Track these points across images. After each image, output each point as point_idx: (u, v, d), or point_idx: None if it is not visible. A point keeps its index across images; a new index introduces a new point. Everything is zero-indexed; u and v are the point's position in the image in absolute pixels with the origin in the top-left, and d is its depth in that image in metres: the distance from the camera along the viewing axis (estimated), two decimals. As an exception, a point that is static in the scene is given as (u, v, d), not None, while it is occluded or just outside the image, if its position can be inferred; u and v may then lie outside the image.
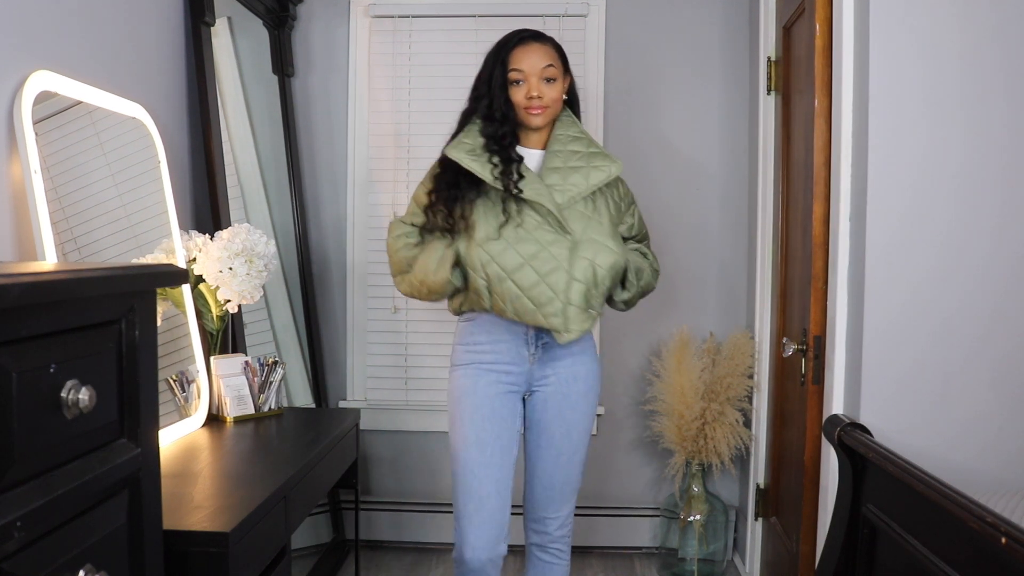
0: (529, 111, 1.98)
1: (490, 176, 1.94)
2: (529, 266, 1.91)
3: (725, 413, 2.86)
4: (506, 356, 2.01)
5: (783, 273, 2.65)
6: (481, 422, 1.99)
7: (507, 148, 1.97)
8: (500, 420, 2.00)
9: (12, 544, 0.92)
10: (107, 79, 2.00)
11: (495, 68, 1.99)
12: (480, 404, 2.00)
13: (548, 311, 1.91)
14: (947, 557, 1.33)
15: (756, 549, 2.89)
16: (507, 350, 2.01)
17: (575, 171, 1.98)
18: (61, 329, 1.02)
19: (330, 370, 3.21)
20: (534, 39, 2.01)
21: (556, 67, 1.99)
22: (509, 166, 1.95)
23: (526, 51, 1.98)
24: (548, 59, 1.98)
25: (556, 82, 1.99)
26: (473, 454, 1.98)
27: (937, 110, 1.84)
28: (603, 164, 2.00)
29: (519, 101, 1.98)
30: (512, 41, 2.00)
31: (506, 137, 1.97)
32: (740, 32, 3.12)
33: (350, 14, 3.16)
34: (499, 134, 1.97)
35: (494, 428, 1.99)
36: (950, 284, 1.84)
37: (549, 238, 1.93)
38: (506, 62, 1.98)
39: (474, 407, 2.00)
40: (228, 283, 2.15)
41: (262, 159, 2.97)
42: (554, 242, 1.92)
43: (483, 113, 1.99)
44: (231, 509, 1.52)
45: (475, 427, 1.98)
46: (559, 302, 1.91)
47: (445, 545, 3.16)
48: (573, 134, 2.04)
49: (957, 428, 1.84)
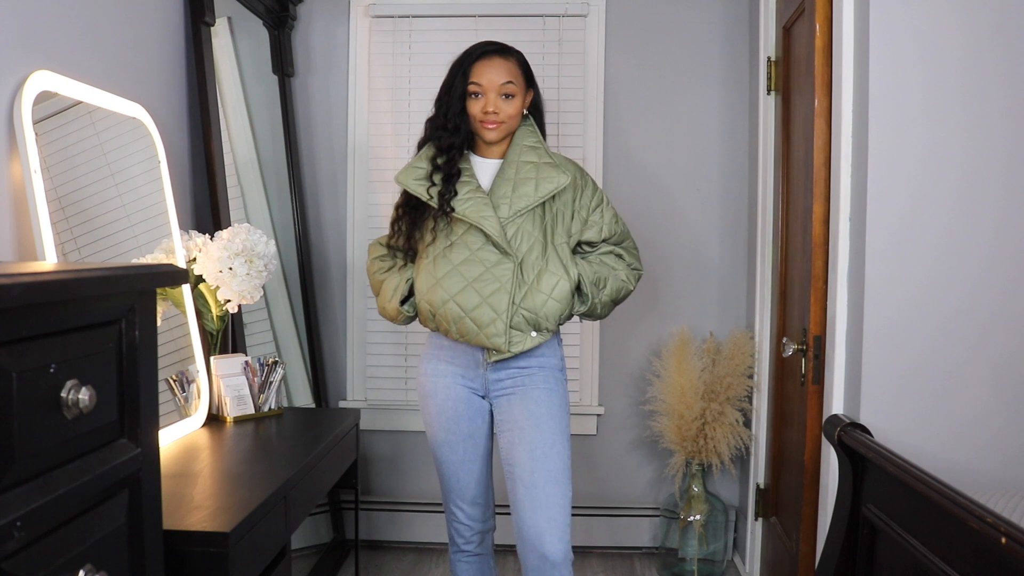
0: (484, 124, 1.99)
1: (426, 195, 1.98)
2: (472, 288, 1.94)
3: (725, 413, 2.86)
4: (463, 360, 2.04)
5: (783, 273, 2.65)
6: (447, 423, 2.06)
7: (451, 162, 1.99)
8: (468, 419, 2.06)
9: (12, 544, 0.92)
10: (107, 79, 2.01)
11: (456, 77, 2.00)
12: (443, 407, 2.06)
13: (490, 332, 1.93)
14: (947, 557, 1.33)
15: (756, 549, 2.89)
16: (464, 352, 2.04)
17: (526, 182, 1.98)
18: (61, 329, 1.02)
19: (330, 370, 3.21)
20: (498, 53, 2.01)
21: (516, 84, 2.00)
22: (448, 184, 1.97)
23: (487, 65, 1.99)
24: (508, 75, 1.99)
25: (514, 98, 2.00)
26: (445, 453, 2.08)
27: (937, 110, 1.84)
28: (552, 175, 1.99)
29: (475, 114, 1.99)
30: (475, 53, 2.01)
31: (452, 149, 1.99)
32: (740, 32, 3.12)
33: (350, 14, 3.16)
34: (447, 144, 1.99)
35: (459, 429, 2.06)
36: (950, 284, 1.84)
37: (493, 259, 1.95)
38: (467, 74, 1.99)
39: (438, 410, 2.07)
40: (228, 283, 2.15)
41: (262, 159, 2.97)
42: (498, 263, 1.94)
43: (438, 122, 2.02)
44: (231, 509, 1.52)
45: (443, 429, 2.07)
46: (501, 323, 1.93)
47: (445, 545, 3.16)
48: (530, 144, 2.04)
49: (957, 428, 1.84)
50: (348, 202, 3.18)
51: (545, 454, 1.97)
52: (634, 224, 3.13)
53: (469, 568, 2.16)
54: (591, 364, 3.19)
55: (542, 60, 3.07)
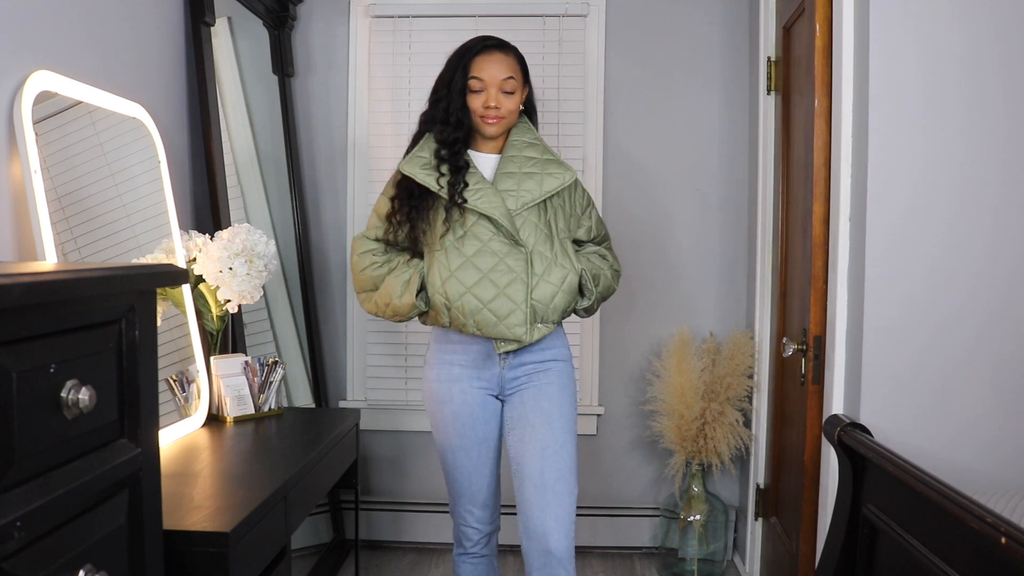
0: (485, 119, 1.99)
1: (436, 185, 1.97)
2: (488, 279, 1.93)
3: (725, 413, 2.86)
4: (478, 359, 2.03)
5: (783, 273, 2.65)
6: (462, 428, 2.04)
7: (457, 155, 1.98)
8: (483, 423, 2.05)
9: (12, 544, 0.92)
10: (107, 79, 2.00)
11: (456, 72, 2.00)
12: (459, 412, 2.04)
13: (511, 322, 1.93)
14: (947, 557, 1.33)
15: (756, 549, 2.89)
16: (478, 352, 2.02)
17: (529, 177, 1.99)
18: (61, 329, 1.02)
19: (330, 370, 3.21)
20: (498, 48, 2.02)
21: (516, 79, 2.01)
22: (457, 175, 1.96)
23: (489, 60, 1.99)
24: (509, 71, 1.99)
25: (514, 94, 2.01)
26: (460, 459, 2.06)
27: (937, 110, 1.84)
28: (557, 171, 2.01)
29: (476, 108, 1.99)
30: (476, 47, 2.01)
31: (457, 143, 1.99)
32: (740, 32, 3.12)
33: (350, 14, 3.16)
34: (451, 139, 1.99)
35: (475, 433, 2.05)
36: (950, 284, 1.84)
37: (505, 250, 1.94)
38: (468, 68, 1.99)
39: (454, 416, 2.04)
40: (228, 283, 2.15)
41: (262, 159, 2.97)
42: (510, 253, 1.94)
43: (439, 117, 2.01)
44: (231, 509, 1.52)
45: (458, 435, 2.05)
46: (521, 313, 1.93)
47: (445, 545, 3.16)
48: (528, 140, 2.05)
49: (957, 428, 1.84)
50: (348, 202, 3.18)
51: (556, 453, 1.98)
52: (634, 224, 3.15)
53: (474, 569, 2.15)
54: (591, 364, 3.19)
55: (542, 60, 3.07)
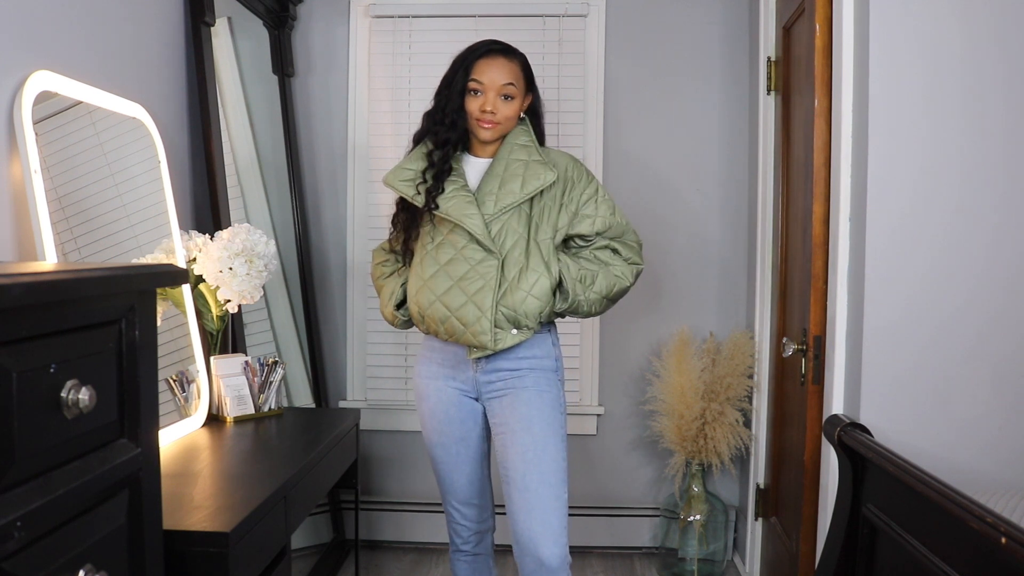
0: (480, 123, 1.98)
1: (414, 192, 1.98)
2: (458, 287, 1.93)
3: (725, 413, 2.86)
4: (452, 361, 2.04)
5: (783, 273, 2.65)
6: (439, 425, 2.07)
7: (446, 158, 1.98)
8: (459, 422, 2.06)
9: (12, 544, 0.92)
10: (107, 79, 2.00)
11: (458, 72, 2.00)
12: (435, 409, 2.07)
13: (476, 330, 1.92)
14: (947, 557, 1.33)
15: (756, 549, 2.89)
16: (454, 354, 2.03)
17: (513, 179, 1.97)
18: (61, 329, 1.02)
19: (330, 370, 3.21)
20: (502, 53, 2.00)
21: (517, 86, 1.99)
22: (439, 181, 1.97)
23: (490, 64, 1.98)
24: (510, 77, 1.98)
25: (513, 100, 1.99)
26: (439, 454, 2.10)
27: (937, 110, 1.84)
28: (539, 172, 1.97)
29: (472, 111, 1.98)
30: (480, 50, 2.00)
31: (448, 144, 1.99)
32: (740, 32, 3.12)
33: (350, 14, 3.16)
34: (443, 139, 1.99)
35: (452, 431, 2.07)
36: (950, 284, 1.84)
37: (478, 256, 1.94)
38: (469, 70, 1.98)
39: (431, 412, 2.08)
40: (228, 283, 2.15)
41: (262, 159, 2.97)
42: (482, 260, 1.94)
43: (436, 116, 2.02)
44: (231, 509, 1.52)
45: (436, 431, 2.09)
46: (486, 320, 1.92)
47: (445, 545, 3.15)
48: (522, 142, 2.03)
49: (957, 428, 1.84)
50: (348, 202, 3.18)
51: (537, 456, 1.93)
52: (634, 223, 3.13)
53: (468, 568, 2.17)
54: (591, 364, 3.19)
55: (542, 60, 3.07)
